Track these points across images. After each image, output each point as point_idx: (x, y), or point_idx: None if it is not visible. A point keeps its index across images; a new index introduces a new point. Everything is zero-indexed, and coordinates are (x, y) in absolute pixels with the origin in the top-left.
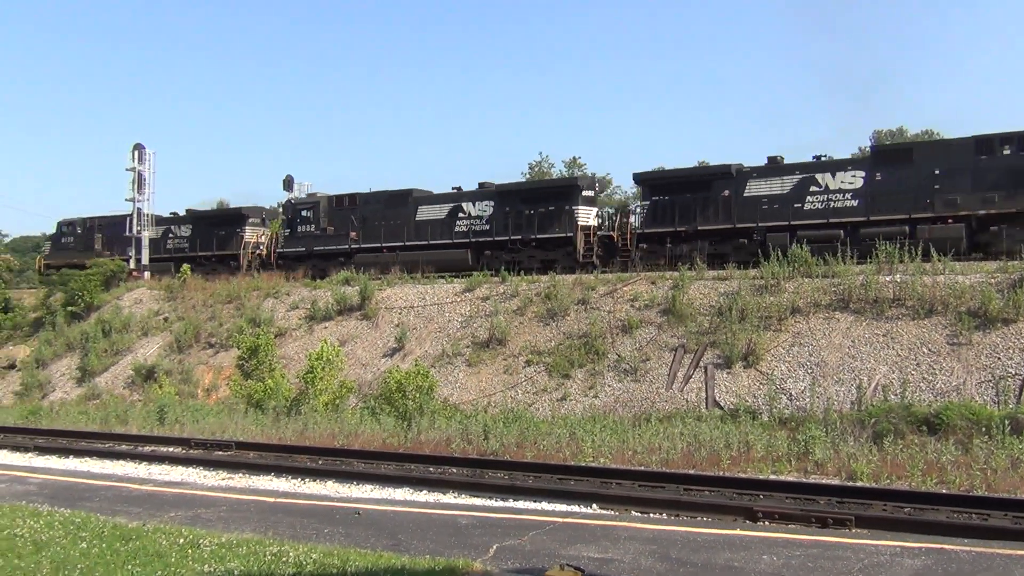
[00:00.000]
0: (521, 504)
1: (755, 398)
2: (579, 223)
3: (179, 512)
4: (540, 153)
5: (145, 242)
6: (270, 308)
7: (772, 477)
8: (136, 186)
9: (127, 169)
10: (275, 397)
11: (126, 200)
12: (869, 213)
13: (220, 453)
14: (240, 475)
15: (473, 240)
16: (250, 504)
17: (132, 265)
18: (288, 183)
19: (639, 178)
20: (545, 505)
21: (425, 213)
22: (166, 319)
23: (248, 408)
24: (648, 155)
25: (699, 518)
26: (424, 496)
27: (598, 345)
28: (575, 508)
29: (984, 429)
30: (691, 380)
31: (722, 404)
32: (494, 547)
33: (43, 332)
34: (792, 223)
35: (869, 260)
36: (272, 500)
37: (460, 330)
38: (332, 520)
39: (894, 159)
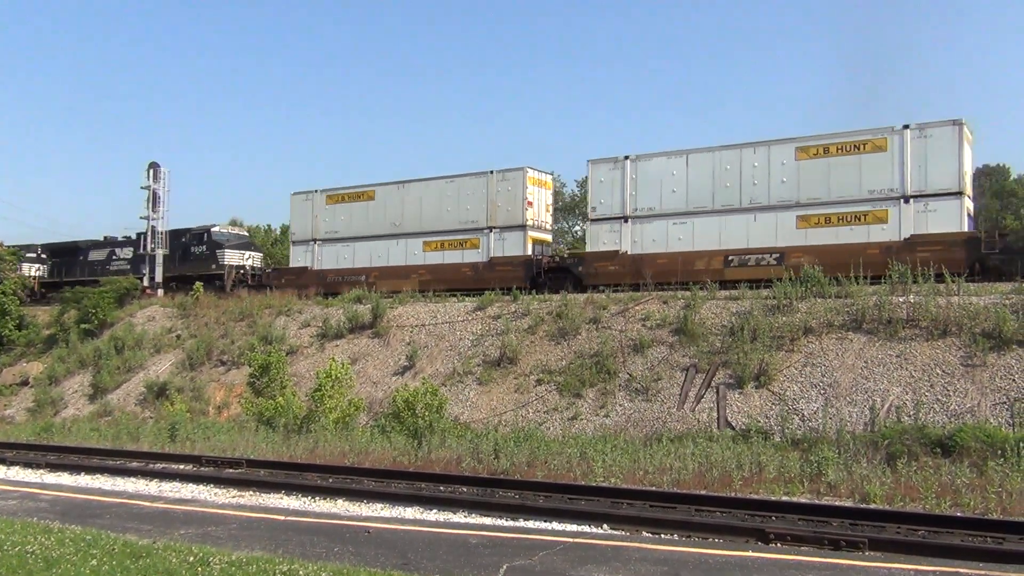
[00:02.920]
0: (531, 524)
1: (767, 419)
2: (22, 272)
3: (189, 530)
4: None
5: (159, 260)
6: (282, 326)
7: (784, 499)
8: (151, 204)
9: (142, 187)
10: (286, 415)
11: (140, 218)
12: (133, 272)
13: (231, 471)
14: (250, 493)
15: None
16: (260, 522)
17: (145, 283)
18: None
19: (46, 248)
20: (555, 525)
21: None
22: (178, 336)
23: (259, 426)
24: None
25: (710, 539)
26: (434, 515)
27: (609, 364)
28: (586, 528)
29: (999, 451)
30: (703, 400)
31: (734, 424)
32: (504, 567)
33: (56, 349)
34: (98, 277)
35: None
36: (282, 518)
37: (471, 348)
38: (342, 539)
39: (179, 238)
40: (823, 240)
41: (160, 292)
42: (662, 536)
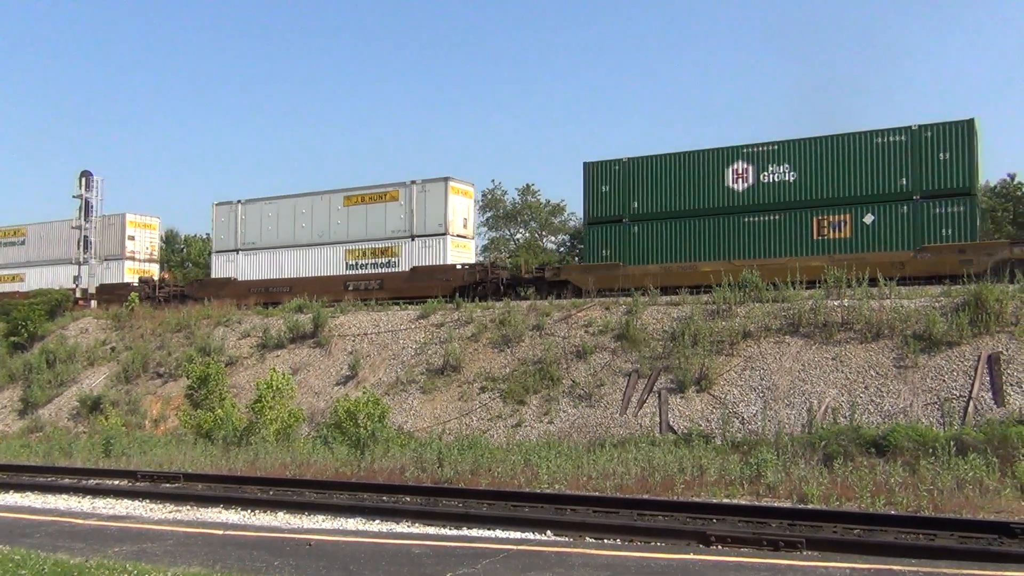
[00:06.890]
0: (475, 532)
1: (708, 422)
2: None
3: (124, 547)
4: (493, 180)
5: (92, 272)
6: (220, 336)
7: (725, 501)
8: (83, 213)
9: (74, 196)
10: (225, 427)
11: (73, 228)
12: None
13: (167, 485)
14: (188, 507)
15: None
16: (198, 537)
17: (78, 294)
18: None
19: None
20: (499, 533)
21: None
22: (113, 349)
23: (197, 439)
24: None
25: (653, 543)
26: (377, 526)
27: (553, 371)
28: (529, 535)
29: (930, 450)
30: (645, 405)
31: (676, 428)
32: None
33: None
34: None
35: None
36: (221, 532)
37: (414, 357)
38: (282, 552)
39: None
40: None
41: (93, 304)
42: (605, 541)
